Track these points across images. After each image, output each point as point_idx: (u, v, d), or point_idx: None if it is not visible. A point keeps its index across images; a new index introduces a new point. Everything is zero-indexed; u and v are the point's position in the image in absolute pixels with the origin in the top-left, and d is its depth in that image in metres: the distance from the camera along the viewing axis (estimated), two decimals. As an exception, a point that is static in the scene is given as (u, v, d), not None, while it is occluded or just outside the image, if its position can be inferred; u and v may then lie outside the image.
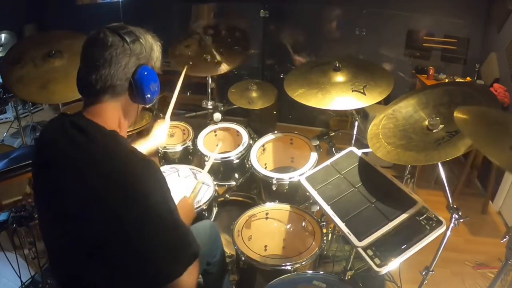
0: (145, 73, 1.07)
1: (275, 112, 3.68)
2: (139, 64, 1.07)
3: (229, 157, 2.28)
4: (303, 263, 1.63)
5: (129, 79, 1.06)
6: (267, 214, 1.94)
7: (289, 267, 1.62)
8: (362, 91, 1.89)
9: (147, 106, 1.17)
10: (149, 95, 1.10)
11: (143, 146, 1.60)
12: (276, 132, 2.37)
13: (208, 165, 2.01)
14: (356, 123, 2.14)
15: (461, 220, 1.44)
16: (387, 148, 1.56)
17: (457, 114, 1.32)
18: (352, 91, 1.92)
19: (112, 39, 1.03)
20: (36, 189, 1.14)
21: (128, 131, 1.22)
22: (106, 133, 1.04)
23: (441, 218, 1.40)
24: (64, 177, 1.01)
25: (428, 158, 1.42)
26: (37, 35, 3.11)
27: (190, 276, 1.05)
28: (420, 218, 1.42)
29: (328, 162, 1.87)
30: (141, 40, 1.08)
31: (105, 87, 1.04)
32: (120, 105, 1.10)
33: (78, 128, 1.03)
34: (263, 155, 2.35)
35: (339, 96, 1.91)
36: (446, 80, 3.35)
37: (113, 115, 1.09)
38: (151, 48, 1.11)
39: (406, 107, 1.70)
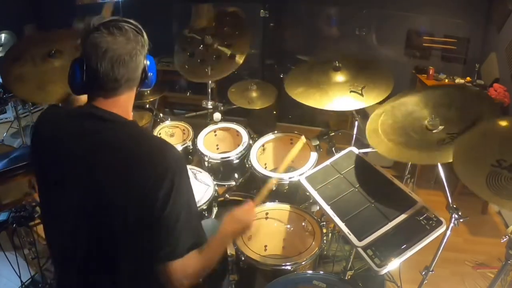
0: (149, 62, 1.12)
1: (275, 112, 3.68)
2: (146, 53, 1.11)
3: (229, 157, 2.28)
4: (303, 263, 1.63)
5: (143, 68, 1.11)
6: (267, 214, 1.94)
7: (289, 267, 1.62)
8: (360, 92, 1.89)
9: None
10: (155, 81, 1.17)
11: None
12: (276, 132, 2.37)
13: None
14: (356, 123, 2.14)
15: (461, 220, 1.44)
16: (388, 144, 1.56)
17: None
18: (350, 92, 1.92)
19: (132, 32, 1.05)
20: (49, 185, 1.11)
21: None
22: (127, 122, 1.09)
23: (441, 218, 1.40)
24: (100, 167, 1.03)
25: (431, 158, 1.42)
26: (39, 34, 3.10)
27: (189, 262, 1.07)
28: (420, 218, 1.42)
29: (328, 162, 1.87)
30: (143, 32, 1.11)
31: (128, 80, 1.07)
32: (132, 94, 1.13)
33: (100, 118, 1.05)
34: (263, 155, 2.35)
35: (337, 97, 1.92)
36: (446, 80, 3.35)
37: (127, 105, 1.12)
38: (147, 39, 1.14)
39: (406, 105, 1.70)
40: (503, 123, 1.36)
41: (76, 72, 1.08)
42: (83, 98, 1.44)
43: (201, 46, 2.61)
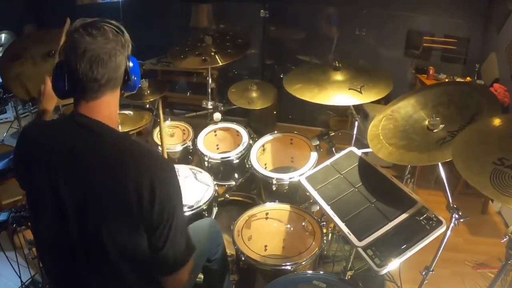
0: (132, 64, 1.11)
1: (275, 112, 3.68)
2: (128, 54, 1.10)
3: (229, 157, 2.28)
4: (303, 263, 1.63)
5: (125, 70, 1.10)
6: (267, 214, 1.94)
7: (289, 267, 1.62)
8: (358, 89, 1.89)
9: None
10: (138, 84, 1.16)
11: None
12: (276, 132, 2.37)
13: None
14: (356, 123, 2.13)
15: (461, 220, 1.44)
16: (388, 149, 1.55)
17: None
18: (349, 89, 1.92)
19: (111, 32, 1.04)
20: (36, 191, 1.10)
21: (128, 131, 1.22)
22: (119, 134, 1.09)
23: (441, 218, 1.40)
24: (90, 174, 1.02)
25: (431, 158, 1.41)
26: (39, 33, 3.09)
27: (186, 271, 1.14)
28: (420, 218, 1.42)
29: (328, 162, 1.87)
30: (125, 32, 1.10)
31: (108, 80, 1.05)
32: (116, 97, 1.12)
33: (87, 128, 1.04)
34: (263, 155, 2.35)
35: (336, 94, 1.91)
36: (446, 80, 3.35)
37: (110, 108, 1.10)
38: (129, 39, 1.13)
39: (405, 108, 1.70)
40: (499, 121, 1.35)
41: (58, 76, 1.07)
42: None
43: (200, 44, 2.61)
